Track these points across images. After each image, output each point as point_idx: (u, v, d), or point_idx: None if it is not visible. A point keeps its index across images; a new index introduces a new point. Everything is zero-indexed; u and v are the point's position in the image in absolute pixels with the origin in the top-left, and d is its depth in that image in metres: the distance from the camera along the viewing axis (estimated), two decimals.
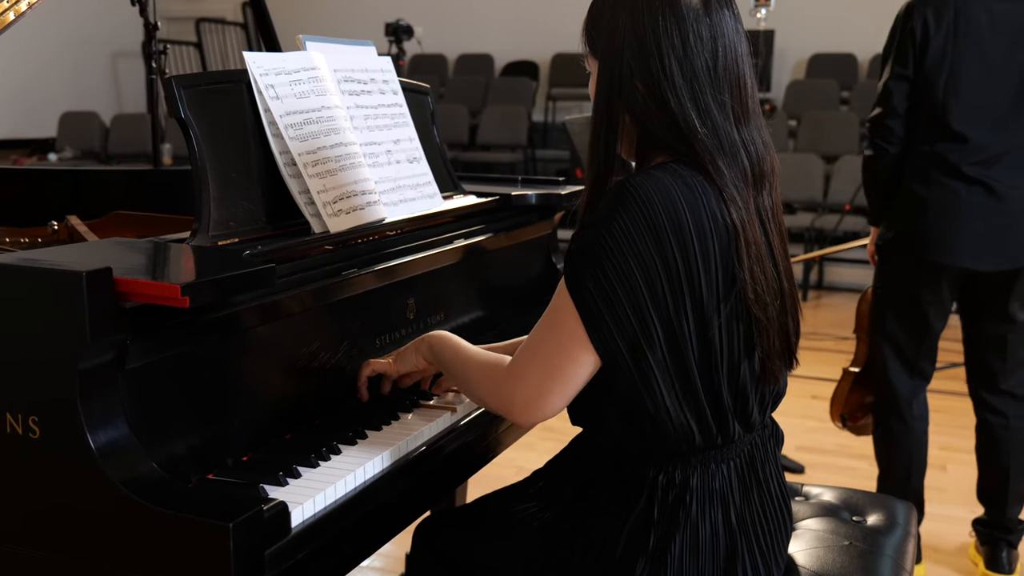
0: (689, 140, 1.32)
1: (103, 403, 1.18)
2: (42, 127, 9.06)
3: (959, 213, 2.53)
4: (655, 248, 1.27)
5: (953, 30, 2.50)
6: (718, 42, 1.33)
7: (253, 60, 1.64)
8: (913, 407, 2.73)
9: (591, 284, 1.29)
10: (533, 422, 1.40)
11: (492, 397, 1.42)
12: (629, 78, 1.34)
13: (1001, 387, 2.68)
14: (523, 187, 2.29)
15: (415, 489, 1.49)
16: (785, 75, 8.30)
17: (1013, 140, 2.53)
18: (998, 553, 2.76)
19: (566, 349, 1.32)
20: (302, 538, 1.23)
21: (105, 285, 1.16)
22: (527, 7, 9.10)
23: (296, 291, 1.48)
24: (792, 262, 1.46)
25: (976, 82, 2.51)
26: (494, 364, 1.44)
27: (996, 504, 2.75)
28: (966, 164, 2.51)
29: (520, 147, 8.57)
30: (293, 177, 1.63)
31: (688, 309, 1.30)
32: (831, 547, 1.63)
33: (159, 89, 3.36)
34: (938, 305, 2.64)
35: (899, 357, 2.71)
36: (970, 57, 2.50)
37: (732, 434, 1.40)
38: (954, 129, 2.52)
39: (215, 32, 10.18)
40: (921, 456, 2.76)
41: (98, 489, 1.16)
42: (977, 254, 2.54)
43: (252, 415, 1.43)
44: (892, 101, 2.58)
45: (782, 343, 1.40)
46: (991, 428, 2.72)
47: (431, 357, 1.58)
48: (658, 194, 1.27)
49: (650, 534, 1.38)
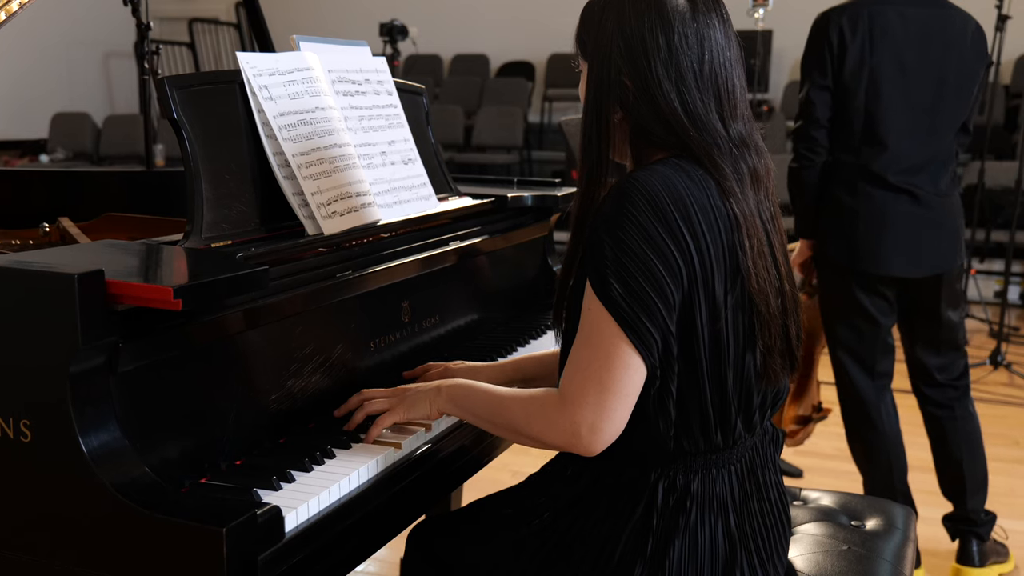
0: (682, 137, 1.34)
1: (95, 406, 1.18)
2: (34, 128, 9.03)
3: (887, 223, 2.59)
4: (668, 236, 1.27)
5: (869, 37, 2.54)
6: (704, 45, 1.35)
7: (247, 60, 1.63)
8: (881, 409, 2.76)
9: (619, 286, 1.28)
10: (602, 446, 1.31)
11: (551, 432, 1.33)
12: (618, 76, 1.36)
13: (939, 380, 2.74)
14: (519, 188, 2.28)
15: (410, 493, 1.48)
16: (783, 76, 8.31)
17: (935, 147, 2.59)
18: (967, 547, 2.79)
19: (614, 359, 1.28)
20: (296, 543, 1.23)
21: (97, 288, 1.15)
22: (523, 7, 9.09)
23: (290, 294, 1.47)
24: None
25: (895, 89, 2.56)
26: (542, 397, 1.36)
27: (957, 496, 2.78)
28: (891, 173, 2.57)
29: (516, 148, 8.56)
30: (287, 178, 1.62)
31: (701, 298, 1.31)
32: (829, 552, 1.62)
33: (152, 90, 3.35)
34: (881, 307, 2.70)
35: (858, 363, 2.74)
36: (887, 64, 2.55)
37: (734, 433, 1.39)
38: (877, 137, 2.57)
39: (208, 32, 10.17)
40: (899, 456, 2.78)
41: (90, 493, 1.15)
42: (907, 262, 2.61)
43: (245, 419, 1.42)
44: (815, 112, 2.61)
45: (783, 343, 1.40)
46: (938, 421, 2.77)
47: (449, 408, 1.50)
48: (662, 185, 1.28)
49: (649, 539, 1.38)
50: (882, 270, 2.62)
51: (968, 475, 2.75)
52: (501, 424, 1.44)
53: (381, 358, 1.71)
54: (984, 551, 2.79)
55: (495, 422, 1.45)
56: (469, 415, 1.49)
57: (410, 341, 1.79)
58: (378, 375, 1.68)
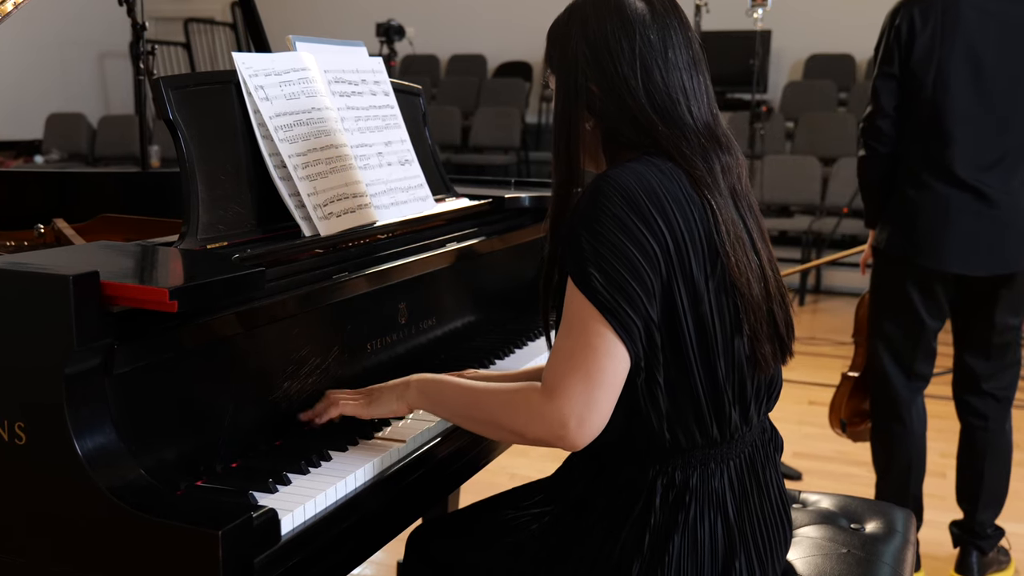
0: (651, 134, 1.38)
1: (90, 409, 1.17)
2: (28, 129, 9.01)
3: (949, 218, 2.53)
4: (643, 224, 1.30)
5: (940, 29, 2.50)
6: (667, 43, 1.40)
7: (242, 61, 1.63)
8: (912, 409, 2.73)
9: (599, 275, 1.29)
10: (587, 440, 1.30)
11: (535, 426, 1.31)
12: (585, 81, 1.41)
13: (983, 388, 2.70)
14: (516, 190, 2.27)
15: (407, 496, 1.47)
16: (782, 76, 8.28)
17: (1007, 144, 2.53)
18: (967, 557, 2.77)
19: (597, 348, 1.29)
20: (292, 546, 1.22)
21: (92, 289, 1.15)
22: (520, 7, 9.07)
23: (286, 295, 1.46)
24: (794, 271, 1.47)
25: (965, 83, 2.50)
26: (524, 390, 1.35)
27: (970, 505, 2.76)
28: (958, 168, 2.51)
29: (513, 149, 8.55)
30: (283, 179, 1.62)
31: (680, 282, 1.32)
32: (829, 555, 1.61)
33: (147, 90, 3.34)
34: (932, 308, 2.65)
35: (896, 359, 2.71)
36: (958, 57, 2.50)
37: (730, 426, 1.39)
38: (944, 130, 2.51)
39: (204, 32, 10.15)
40: (920, 460, 2.76)
41: (85, 496, 1.15)
42: (966, 259, 2.55)
43: (241, 421, 1.41)
44: (880, 100, 2.58)
45: (770, 327, 1.41)
46: (972, 431, 2.74)
47: (420, 402, 1.49)
48: (634, 179, 1.32)
49: (648, 535, 1.38)
50: (939, 265, 2.55)
51: (986, 487, 2.72)
52: (480, 418, 1.42)
53: (378, 360, 1.70)
54: (984, 563, 2.78)
55: (472, 416, 1.43)
56: (442, 409, 1.48)
57: (407, 343, 1.78)
58: (375, 377, 1.67)
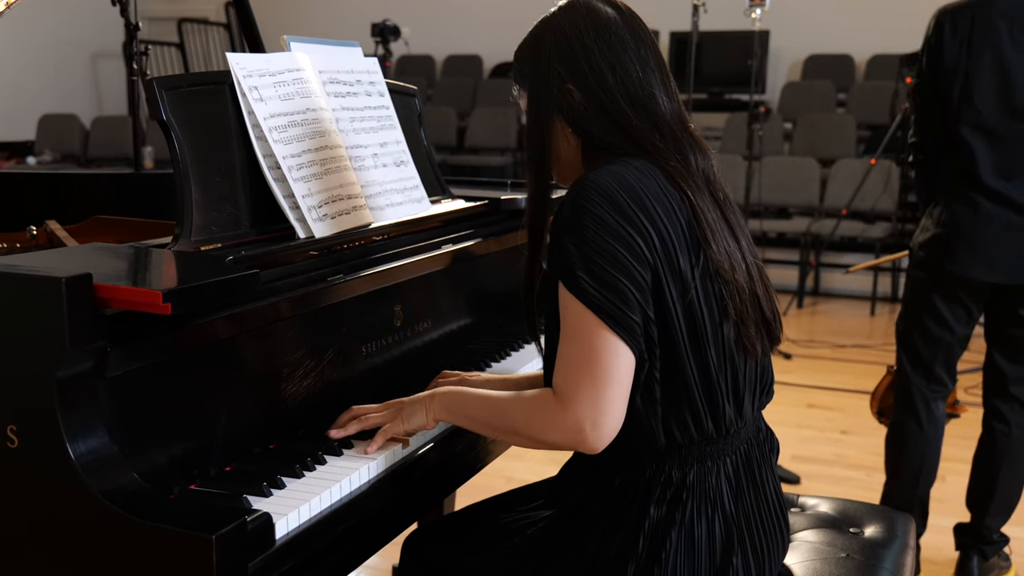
0: (628, 131, 1.41)
1: (83, 412, 1.16)
2: (21, 130, 8.98)
3: (978, 226, 2.56)
4: (626, 222, 1.32)
5: (968, 39, 2.53)
6: (638, 43, 1.44)
7: (236, 61, 1.62)
8: (928, 412, 2.74)
9: (589, 279, 1.30)
10: (607, 440, 1.32)
11: (553, 433, 1.33)
12: (561, 84, 1.43)
13: (1010, 391, 2.70)
14: (512, 191, 2.27)
15: (403, 500, 1.47)
16: (780, 76, 8.25)
17: None
18: (968, 561, 2.77)
19: (600, 350, 1.30)
20: (287, 550, 1.21)
21: (85, 291, 1.14)
22: (516, 7, 9.01)
23: (280, 297, 1.45)
24: (867, 265, 1.50)
25: (991, 94, 2.53)
26: (539, 398, 1.36)
27: (979, 508, 2.76)
28: (987, 177, 2.54)
29: (509, 150, 8.53)
30: (278, 180, 1.61)
31: (667, 275, 1.34)
32: (828, 559, 1.60)
33: (140, 91, 3.33)
34: (957, 315, 2.66)
35: (917, 362, 2.73)
36: (985, 68, 2.52)
37: (725, 419, 1.40)
38: (970, 139, 2.55)
39: (197, 33, 10.13)
40: (932, 464, 2.76)
41: (78, 500, 1.14)
42: (995, 267, 2.57)
43: (235, 424, 1.40)
44: (917, 106, 2.67)
45: (755, 311, 1.43)
46: (994, 434, 2.74)
47: (444, 415, 1.50)
48: (613, 180, 1.34)
49: (646, 533, 1.38)
50: (966, 272, 2.58)
51: (999, 492, 2.72)
52: (502, 427, 1.44)
53: (373, 363, 1.69)
54: (984, 568, 2.78)
55: (495, 425, 1.45)
56: (466, 420, 1.49)
57: (402, 346, 1.77)
58: (370, 380, 1.66)
